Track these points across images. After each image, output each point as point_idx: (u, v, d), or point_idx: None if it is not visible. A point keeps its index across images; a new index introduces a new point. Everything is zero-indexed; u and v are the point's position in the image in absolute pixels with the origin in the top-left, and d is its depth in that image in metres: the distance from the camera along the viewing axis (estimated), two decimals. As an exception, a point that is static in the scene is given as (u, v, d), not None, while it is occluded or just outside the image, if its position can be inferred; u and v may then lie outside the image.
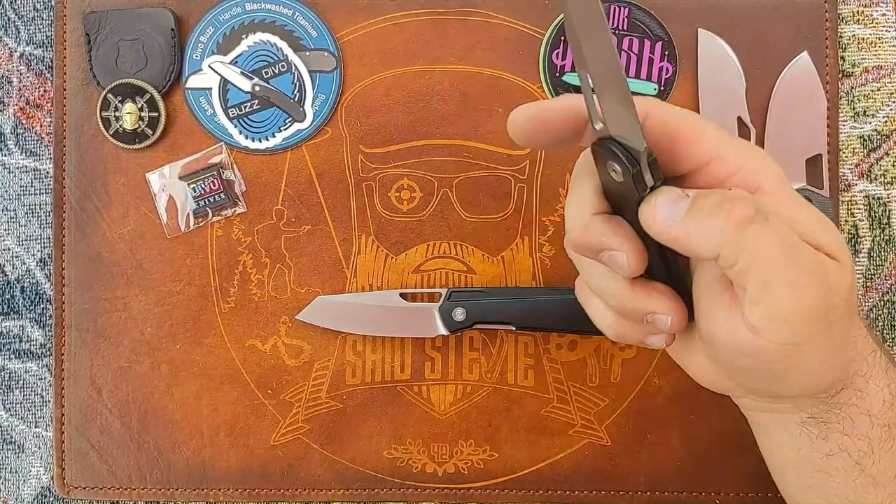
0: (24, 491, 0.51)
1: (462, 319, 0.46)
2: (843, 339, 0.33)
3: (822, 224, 0.32)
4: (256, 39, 0.48)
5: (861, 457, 0.35)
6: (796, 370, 0.32)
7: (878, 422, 0.35)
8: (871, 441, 0.35)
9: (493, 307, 0.46)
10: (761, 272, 0.30)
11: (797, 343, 0.31)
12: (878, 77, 0.49)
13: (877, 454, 0.35)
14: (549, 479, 0.48)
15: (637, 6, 0.48)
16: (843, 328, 0.33)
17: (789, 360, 0.31)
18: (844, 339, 0.33)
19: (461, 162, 0.48)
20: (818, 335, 0.31)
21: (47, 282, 0.50)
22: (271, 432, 0.48)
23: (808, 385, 0.34)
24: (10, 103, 0.50)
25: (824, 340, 0.32)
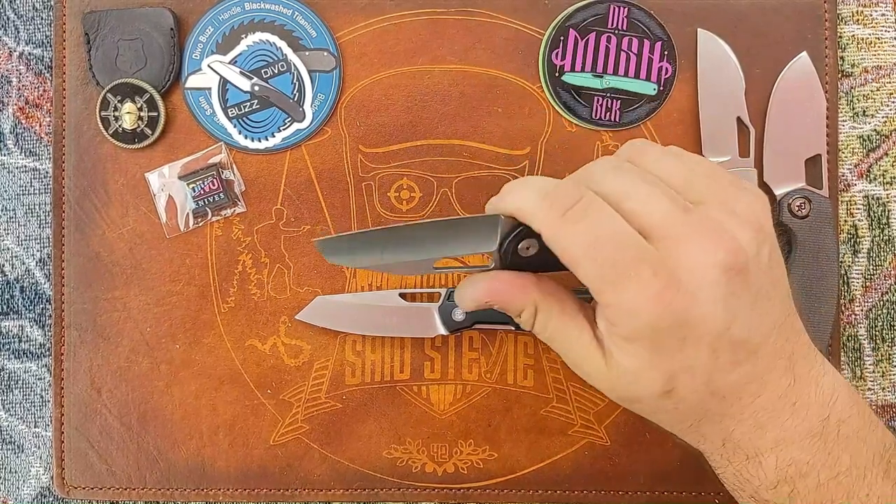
0: (24, 491, 0.51)
1: (462, 319, 0.46)
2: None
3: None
4: (256, 39, 0.48)
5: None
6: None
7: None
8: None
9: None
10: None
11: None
12: (878, 77, 0.49)
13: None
14: (548, 479, 0.48)
15: (637, 6, 0.48)
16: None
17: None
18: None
19: (461, 162, 0.48)
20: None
21: (46, 281, 0.50)
22: (271, 432, 0.48)
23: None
24: (9, 103, 0.50)
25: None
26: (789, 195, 0.46)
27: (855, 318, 0.49)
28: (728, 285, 0.31)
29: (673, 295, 0.31)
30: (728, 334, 0.32)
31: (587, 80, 0.48)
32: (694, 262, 0.31)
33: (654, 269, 0.31)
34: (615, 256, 0.31)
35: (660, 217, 0.32)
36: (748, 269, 0.32)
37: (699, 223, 0.32)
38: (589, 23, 0.48)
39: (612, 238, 0.31)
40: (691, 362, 0.32)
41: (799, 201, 0.46)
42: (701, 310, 0.31)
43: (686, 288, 0.31)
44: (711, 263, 0.31)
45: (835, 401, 0.34)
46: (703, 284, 0.31)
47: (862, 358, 0.49)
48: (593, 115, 0.48)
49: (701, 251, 0.31)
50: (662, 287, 0.31)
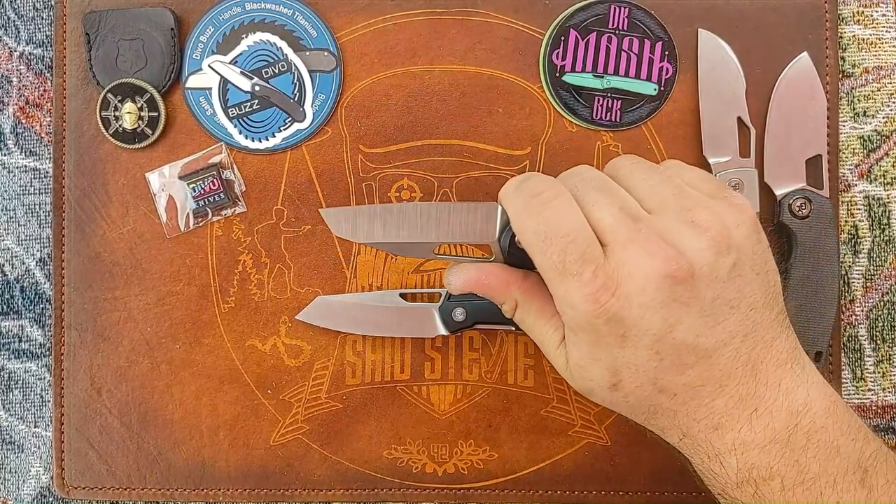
0: (24, 491, 0.51)
1: (462, 319, 0.46)
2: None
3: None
4: (256, 39, 0.48)
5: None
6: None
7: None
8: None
9: (493, 307, 0.45)
10: None
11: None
12: (878, 77, 0.49)
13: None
14: (548, 480, 0.48)
15: (637, 6, 0.48)
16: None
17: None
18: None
19: (461, 162, 0.48)
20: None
21: (47, 281, 0.50)
22: (271, 432, 0.48)
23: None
24: (9, 103, 0.50)
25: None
26: (790, 195, 0.46)
27: (855, 318, 0.49)
28: (669, 291, 0.33)
29: (608, 297, 0.33)
30: (670, 338, 0.33)
31: (588, 80, 0.48)
32: (634, 267, 0.33)
33: (594, 270, 0.33)
34: (562, 253, 0.33)
35: (609, 223, 0.34)
36: (693, 277, 0.33)
37: (643, 232, 0.33)
38: (589, 23, 0.48)
39: (565, 235, 0.33)
40: (632, 360, 0.34)
41: (799, 202, 0.46)
42: (635, 313, 0.33)
43: (622, 291, 0.33)
44: (650, 270, 0.33)
45: (806, 411, 0.34)
46: (640, 289, 0.33)
47: (862, 358, 0.49)
48: (594, 115, 0.48)
49: (641, 258, 0.33)
50: (598, 288, 0.33)
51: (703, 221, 0.33)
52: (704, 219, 0.34)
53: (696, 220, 0.34)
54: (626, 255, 0.33)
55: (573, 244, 0.33)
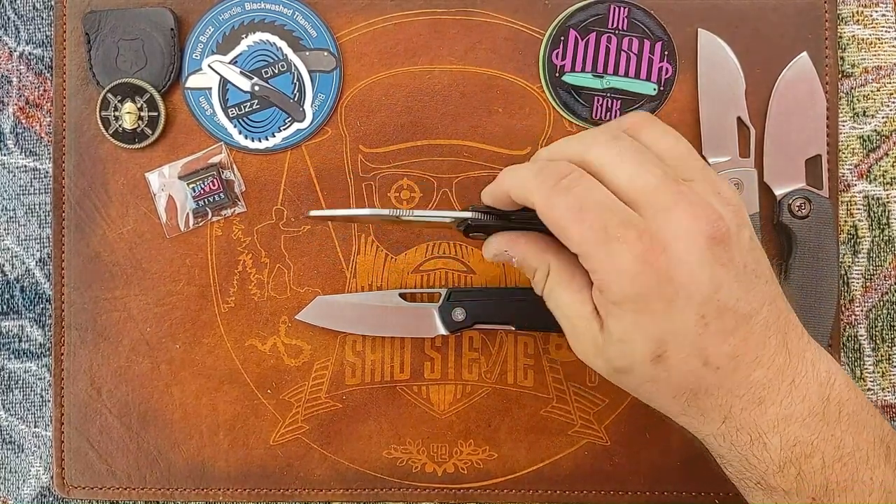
0: (24, 491, 0.51)
1: (462, 319, 0.46)
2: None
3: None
4: (256, 39, 0.48)
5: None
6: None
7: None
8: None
9: (492, 307, 0.46)
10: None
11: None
12: (878, 77, 0.49)
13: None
14: (548, 479, 0.48)
15: (637, 6, 0.48)
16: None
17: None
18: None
19: (461, 162, 0.48)
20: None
21: (47, 281, 0.50)
22: (271, 432, 0.48)
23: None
24: (9, 103, 0.50)
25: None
26: (789, 195, 0.46)
27: (855, 318, 0.49)
28: (711, 253, 0.33)
29: (657, 255, 0.33)
30: (715, 299, 0.33)
31: (587, 80, 0.48)
32: (679, 228, 0.33)
33: (638, 233, 0.33)
34: (602, 220, 0.33)
35: (652, 186, 0.34)
36: (730, 242, 0.34)
37: (687, 195, 0.34)
38: (589, 23, 0.48)
39: (600, 204, 0.34)
40: (680, 326, 0.34)
41: (799, 201, 0.46)
42: (686, 271, 0.33)
43: (670, 250, 0.33)
44: (696, 230, 0.33)
45: (832, 382, 0.35)
46: (687, 248, 0.33)
47: (862, 358, 0.49)
48: (593, 115, 0.48)
49: (687, 219, 0.33)
50: (646, 248, 0.33)
51: (726, 194, 0.35)
52: (727, 192, 0.35)
53: (721, 192, 0.35)
54: (671, 217, 0.33)
55: (610, 211, 0.33)
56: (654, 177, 0.34)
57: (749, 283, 0.34)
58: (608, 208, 0.34)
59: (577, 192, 0.34)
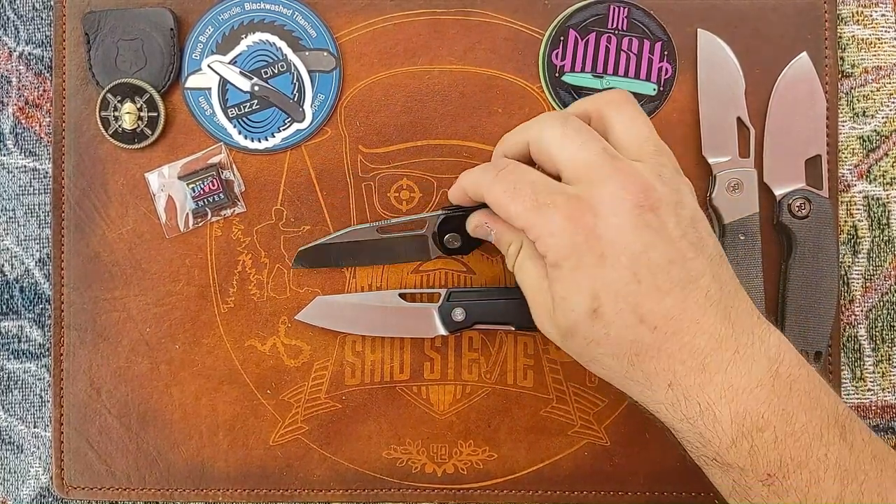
0: (23, 491, 0.51)
1: (461, 320, 0.46)
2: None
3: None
4: (256, 39, 0.48)
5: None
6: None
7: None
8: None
9: (492, 307, 0.46)
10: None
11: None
12: (878, 77, 0.49)
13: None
14: (548, 480, 0.48)
15: (637, 6, 0.48)
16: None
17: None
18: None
19: (460, 162, 0.48)
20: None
21: (46, 282, 0.50)
22: (270, 432, 0.48)
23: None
24: (9, 103, 0.50)
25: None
26: (789, 195, 0.46)
27: (855, 318, 0.49)
28: (640, 217, 0.36)
29: (584, 214, 0.36)
30: (645, 258, 0.35)
31: (587, 80, 0.48)
32: (607, 194, 0.36)
33: (567, 197, 0.37)
34: (533, 193, 0.37)
35: (588, 162, 0.37)
36: (661, 210, 0.36)
37: (623, 170, 0.37)
38: (589, 23, 0.48)
39: (531, 182, 0.38)
40: (612, 280, 0.36)
41: (799, 202, 0.46)
42: (613, 230, 0.36)
43: (597, 211, 0.36)
44: (623, 197, 0.36)
45: (781, 358, 0.36)
46: (614, 210, 0.36)
47: (862, 358, 0.49)
48: (593, 115, 0.48)
49: (616, 187, 0.36)
50: (574, 208, 0.36)
51: (667, 179, 0.37)
52: (668, 178, 0.38)
53: (662, 175, 0.37)
54: (603, 188, 0.36)
55: (539, 184, 0.38)
56: (592, 153, 0.37)
57: (687, 252, 0.36)
58: (539, 184, 0.38)
59: (511, 177, 0.39)
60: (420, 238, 0.46)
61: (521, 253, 0.41)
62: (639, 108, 0.40)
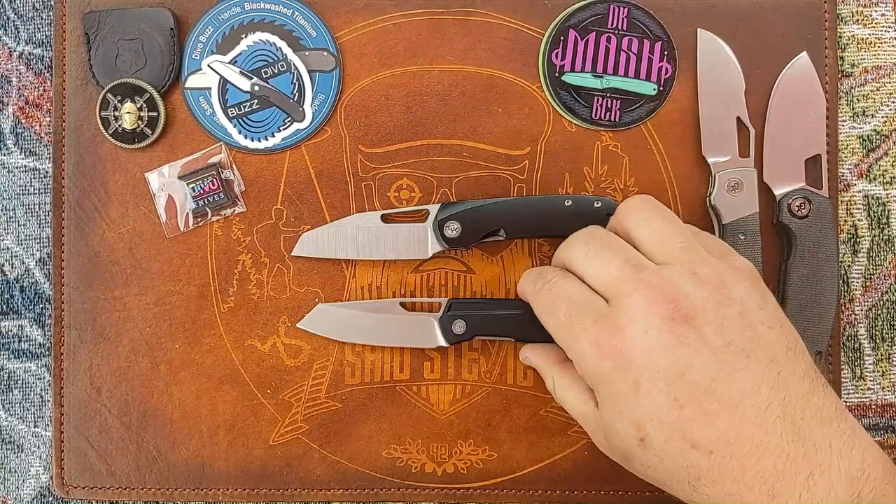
0: (24, 491, 0.51)
1: (462, 332, 0.45)
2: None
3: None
4: (256, 39, 0.48)
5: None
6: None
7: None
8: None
9: (494, 320, 0.45)
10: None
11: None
12: (878, 77, 0.49)
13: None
14: (548, 479, 0.48)
15: (637, 6, 0.48)
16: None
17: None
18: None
19: (460, 162, 0.48)
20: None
21: (46, 281, 0.50)
22: (270, 432, 0.48)
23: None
24: (9, 103, 0.50)
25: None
26: (789, 195, 0.46)
27: (855, 317, 0.49)
28: (672, 333, 0.34)
29: (609, 338, 0.35)
30: (683, 381, 0.33)
31: (587, 80, 0.48)
32: (634, 311, 0.34)
33: (594, 318, 0.36)
34: (567, 311, 0.37)
35: (612, 278, 0.36)
36: (697, 321, 0.33)
37: (647, 279, 0.35)
38: (589, 23, 0.48)
39: (567, 298, 0.38)
40: (652, 409, 0.34)
41: (799, 201, 0.46)
42: (642, 352, 0.34)
43: (626, 333, 0.34)
44: (652, 312, 0.34)
45: (867, 476, 0.32)
46: (644, 329, 0.34)
47: (862, 358, 0.49)
48: (593, 115, 0.48)
49: (642, 301, 0.34)
50: (599, 331, 0.35)
51: (705, 276, 0.35)
52: (706, 273, 0.35)
53: (698, 272, 0.35)
54: (629, 302, 0.35)
55: (574, 302, 0.37)
56: (615, 268, 0.36)
57: (735, 363, 0.33)
58: (574, 300, 0.37)
59: (552, 291, 0.39)
60: (420, 230, 0.46)
61: (556, 385, 0.41)
62: (658, 209, 0.39)
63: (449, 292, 0.48)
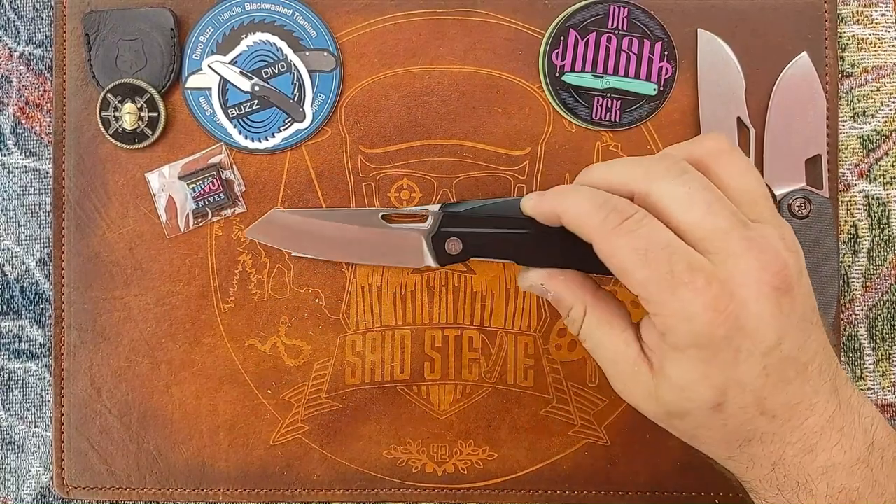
0: (24, 491, 0.51)
1: (457, 252, 0.40)
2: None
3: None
4: (256, 39, 0.48)
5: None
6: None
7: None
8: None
9: (494, 237, 0.39)
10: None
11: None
12: (878, 77, 0.49)
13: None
14: (548, 480, 0.48)
15: (637, 6, 0.48)
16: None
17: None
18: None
19: (461, 162, 0.48)
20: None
21: (47, 282, 0.50)
22: (271, 432, 0.48)
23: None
24: (9, 103, 0.50)
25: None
26: (789, 195, 0.46)
27: (855, 317, 0.49)
28: (778, 303, 0.32)
29: (727, 303, 0.32)
30: (779, 350, 0.33)
31: (587, 80, 0.48)
32: (748, 276, 0.32)
33: (707, 278, 0.32)
34: (669, 264, 0.32)
35: (722, 231, 0.33)
36: (794, 291, 0.33)
37: (758, 241, 0.33)
38: (589, 23, 0.48)
39: (666, 247, 0.33)
40: (743, 376, 0.33)
41: (799, 201, 0.46)
42: (754, 321, 0.32)
43: (739, 298, 0.32)
44: (765, 280, 0.32)
45: (875, 428, 0.34)
46: (756, 297, 0.32)
47: (862, 358, 0.49)
48: (593, 115, 0.48)
49: (755, 267, 0.32)
50: (716, 295, 0.32)
51: (789, 241, 0.34)
52: (789, 238, 0.34)
53: (785, 237, 0.34)
54: (740, 264, 0.32)
55: (677, 255, 0.32)
56: (725, 220, 0.33)
57: (807, 331, 0.34)
58: (675, 251, 0.32)
59: (642, 234, 0.33)
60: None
61: (588, 319, 0.37)
62: (747, 159, 0.36)
63: (449, 292, 0.48)
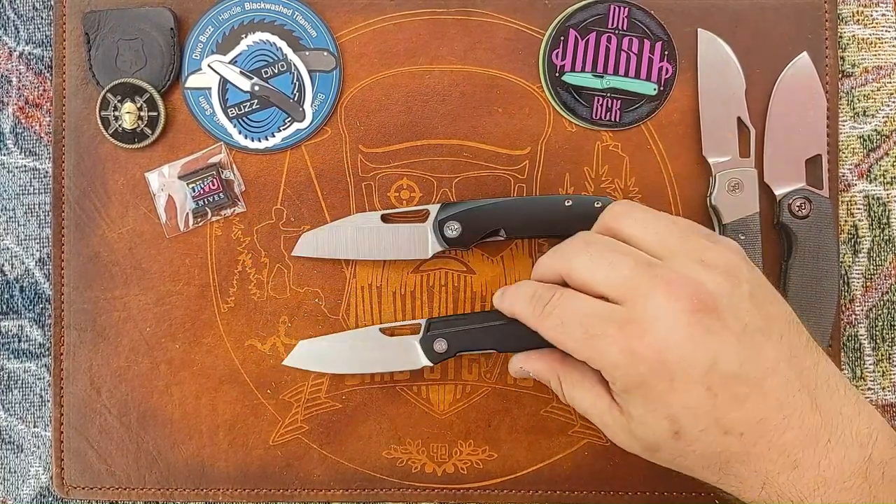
0: (23, 491, 0.51)
1: (443, 350, 0.45)
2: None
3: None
4: (256, 39, 0.48)
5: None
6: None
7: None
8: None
9: (473, 335, 0.44)
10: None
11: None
12: (878, 77, 0.49)
13: None
14: (548, 480, 0.48)
15: (637, 6, 0.48)
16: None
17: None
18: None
19: (460, 162, 0.48)
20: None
21: (46, 281, 0.50)
22: (270, 432, 0.48)
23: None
24: (9, 103, 0.50)
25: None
26: (790, 195, 0.46)
27: (855, 317, 0.49)
28: (700, 325, 0.34)
29: (639, 342, 0.34)
30: (716, 371, 0.33)
31: (587, 80, 0.48)
32: (658, 309, 0.34)
33: (619, 325, 0.35)
34: (582, 326, 0.36)
35: (625, 279, 0.35)
36: (720, 308, 0.34)
37: (662, 275, 0.35)
38: (589, 23, 0.48)
39: (578, 314, 0.36)
40: (688, 402, 0.34)
41: (799, 201, 0.46)
42: (674, 348, 0.34)
43: (654, 334, 0.34)
44: (677, 308, 0.34)
45: (875, 440, 0.34)
46: (671, 327, 0.34)
47: (862, 358, 0.49)
48: (593, 115, 0.48)
49: (664, 298, 0.34)
50: (629, 336, 0.34)
51: (711, 261, 0.35)
52: (712, 257, 0.36)
53: (704, 259, 0.35)
54: (651, 302, 0.34)
55: (587, 315, 0.36)
56: (628, 268, 0.35)
57: (755, 344, 0.34)
58: (587, 314, 0.36)
59: (557, 312, 0.37)
60: (421, 230, 0.46)
61: (564, 386, 0.40)
62: (644, 208, 0.39)
63: (449, 292, 0.48)
